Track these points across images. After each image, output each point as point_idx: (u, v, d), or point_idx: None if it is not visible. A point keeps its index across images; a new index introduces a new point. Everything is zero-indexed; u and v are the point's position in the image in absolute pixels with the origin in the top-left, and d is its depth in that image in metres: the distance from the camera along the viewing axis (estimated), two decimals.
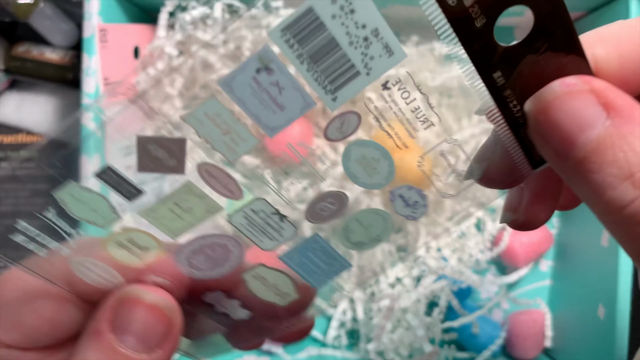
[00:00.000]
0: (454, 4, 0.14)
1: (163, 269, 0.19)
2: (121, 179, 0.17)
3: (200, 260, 0.19)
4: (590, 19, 0.43)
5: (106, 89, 0.40)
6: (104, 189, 0.18)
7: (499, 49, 0.15)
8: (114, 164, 0.18)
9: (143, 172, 0.16)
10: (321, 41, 0.14)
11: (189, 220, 0.18)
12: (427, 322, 0.43)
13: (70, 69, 0.47)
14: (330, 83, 0.15)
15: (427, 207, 0.19)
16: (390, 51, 0.15)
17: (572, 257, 0.46)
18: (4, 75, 0.50)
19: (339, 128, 0.17)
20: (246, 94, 0.15)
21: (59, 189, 0.16)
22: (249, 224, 0.18)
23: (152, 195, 0.48)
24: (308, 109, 0.15)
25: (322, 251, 0.20)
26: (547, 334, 0.47)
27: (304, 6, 0.14)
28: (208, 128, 0.16)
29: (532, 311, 0.47)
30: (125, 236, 0.18)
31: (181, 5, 0.41)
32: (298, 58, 0.14)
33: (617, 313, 0.38)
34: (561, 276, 0.47)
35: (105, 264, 0.18)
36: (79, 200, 0.17)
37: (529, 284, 0.49)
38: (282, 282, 0.20)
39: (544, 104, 0.15)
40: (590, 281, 0.42)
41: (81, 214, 0.17)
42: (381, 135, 0.18)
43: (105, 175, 0.17)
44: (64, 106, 0.51)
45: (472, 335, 0.46)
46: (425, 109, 0.17)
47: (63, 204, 0.17)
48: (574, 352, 0.44)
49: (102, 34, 0.39)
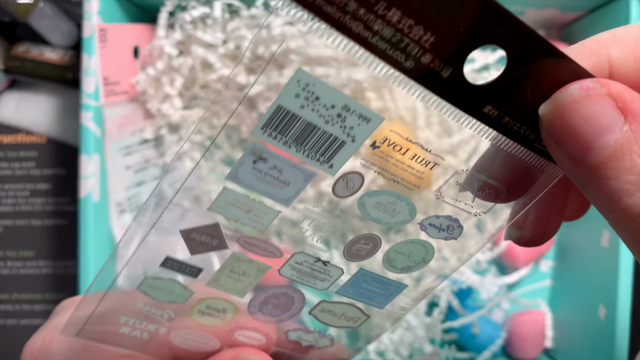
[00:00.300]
0: (412, 66, 0.14)
1: (247, 324, 0.22)
2: (181, 263, 0.20)
3: (270, 309, 0.22)
4: (591, 19, 0.43)
5: (106, 88, 0.40)
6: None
7: (479, 88, 0.15)
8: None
9: (196, 255, 0.20)
10: (299, 127, 0.15)
11: (247, 281, 0.21)
12: (428, 322, 0.43)
13: (70, 68, 0.47)
14: (321, 155, 0.16)
15: (462, 227, 0.20)
16: (366, 119, 0.16)
17: (572, 257, 0.46)
18: (4, 75, 0.50)
19: (345, 187, 0.18)
20: (253, 181, 0.17)
21: (140, 285, 0.20)
22: (299, 274, 0.21)
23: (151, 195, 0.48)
24: (310, 179, 0.17)
25: (374, 280, 0.22)
26: (547, 334, 0.47)
27: (273, 106, 0.15)
28: (232, 211, 0.18)
29: (532, 311, 0.47)
30: (203, 305, 0.21)
31: (181, 5, 0.41)
32: (285, 144, 0.16)
33: (618, 313, 0.38)
34: (562, 276, 0.47)
35: (198, 331, 0.22)
36: (156, 288, 0.20)
37: (530, 284, 0.49)
38: (347, 310, 0.23)
39: (561, 108, 0.15)
40: (590, 281, 0.42)
41: (162, 297, 0.20)
42: (388, 183, 0.18)
43: (168, 264, 0.20)
44: (63, 106, 0.51)
45: (473, 335, 0.46)
46: (423, 154, 0.17)
47: (147, 295, 0.20)
48: (574, 352, 0.44)
49: (101, 34, 0.39)
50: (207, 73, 0.44)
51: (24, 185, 0.51)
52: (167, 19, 0.43)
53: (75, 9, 0.46)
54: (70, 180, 0.51)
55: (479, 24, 0.14)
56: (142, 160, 0.44)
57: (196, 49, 0.41)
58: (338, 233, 0.20)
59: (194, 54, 0.41)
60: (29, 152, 0.51)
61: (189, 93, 0.46)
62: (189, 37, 0.43)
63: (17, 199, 0.51)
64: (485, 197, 0.19)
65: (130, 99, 0.43)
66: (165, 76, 0.43)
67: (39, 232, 0.51)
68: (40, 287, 0.51)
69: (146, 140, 0.45)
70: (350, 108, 0.15)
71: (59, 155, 0.51)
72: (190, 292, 0.21)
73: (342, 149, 0.16)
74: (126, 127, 0.43)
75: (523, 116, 0.16)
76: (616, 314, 0.38)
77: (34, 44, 0.49)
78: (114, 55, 0.40)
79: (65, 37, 0.48)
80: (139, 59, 0.44)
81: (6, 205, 0.51)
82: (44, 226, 0.51)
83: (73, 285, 0.51)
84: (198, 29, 0.42)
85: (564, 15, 0.43)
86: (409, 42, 0.14)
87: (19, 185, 0.51)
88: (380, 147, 0.17)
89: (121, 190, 0.42)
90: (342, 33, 0.13)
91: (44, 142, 0.51)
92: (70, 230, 0.51)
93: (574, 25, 0.45)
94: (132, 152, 0.43)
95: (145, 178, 0.45)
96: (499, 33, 0.14)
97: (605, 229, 0.39)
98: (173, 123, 0.45)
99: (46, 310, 0.51)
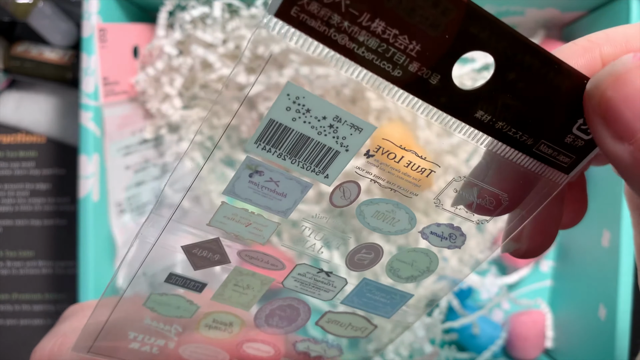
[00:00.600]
0: (400, 74, 0.14)
1: (255, 337, 0.22)
2: (185, 279, 0.20)
3: (276, 321, 0.22)
4: (591, 19, 0.43)
5: (105, 88, 0.40)
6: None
7: (469, 94, 0.15)
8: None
9: (199, 270, 0.20)
10: (292, 139, 0.16)
11: (252, 294, 0.21)
12: (428, 322, 0.43)
13: (70, 68, 0.47)
14: (316, 166, 0.16)
15: (465, 236, 0.20)
16: (358, 128, 0.16)
17: (572, 257, 0.46)
18: (3, 74, 0.50)
19: (342, 196, 0.18)
20: (250, 194, 0.17)
21: (146, 301, 0.20)
22: (302, 285, 0.21)
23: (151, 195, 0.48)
24: (307, 190, 0.17)
25: (378, 289, 0.22)
26: (547, 334, 0.47)
27: (265, 120, 0.15)
28: (232, 225, 0.18)
29: (532, 312, 0.47)
30: (210, 318, 0.22)
31: (180, 5, 0.41)
32: (279, 157, 0.16)
33: (618, 314, 0.38)
34: (562, 277, 0.47)
35: (207, 345, 0.22)
36: (162, 304, 0.20)
37: (530, 285, 0.49)
38: (354, 320, 0.23)
39: (615, 79, 0.14)
40: (591, 282, 0.42)
41: (169, 313, 0.21)
42: (385, 191, 0.18)
43: (172, 279, 0.20)
44: (63, 106, 0.51)
45: (473, 335, 0.46)
46: (418, 161, 0.17)
47: (153, 310, 0.20)
48: (574, 352, 0.44)
49: (101, 34, 0.39)
50: (206, 73, 0.43)
51: (24, 185, 0.51)
52: (167, 19, 0.43)
53: (75, 9, 0.46)
54: (69, 180, 0.51)
55: (464, 31, 0.14)
56: (141, 160, 0.44)
57: (196, 48, 0.41)
58: (339, 241, 0.20)
59: (194, 53, 0.41)
60: (28, 152, 0.51)
61: (188, 93, 0.46)
62: (189, 36, 0.43)
63: (17, 199, 0.51)
64: (486, 205, 0.18)
65: (130, 99, 0.43)
66: (165, 76, 0.43)
67: (39, 232, 0.51)
68: (39, 287, 0.51)
69: (146, 140, 0.45)
70: (341, 118, 0.15)
71: (59, 155, 0.51)
72: (197, 307, 0.21)
73: (336, 159, 0.16)
74: (126, 127, 0.43)
75: (517, 121, 0.16)
76: (616, 314, 0.38)
77: (33, 43, 0.49)
78: (113, 55, 0.40)
79: (64, 37, 0.48)
80: (139, 59, 0.44)
81: (6, 205, 0.51)
82: (43, 226, 0.51)
83: (72, 286, 0.51)
84: (198, 29, 0.42)
85: (564, 15, 0.43)
86: (395, 51, 0.14)
87: (19, 185, 0.51)
88: (374, 156, 0.17)
89: (121, 190, 0.42)
90: (329, 46, 0.13)
91: (44, 142, 0.51)
92: (70, 230, 0.51)
93: (574, 25, 0.45)
94: (131, 152, 0.43)
95: (145, 178, 0.45)
96: (484, 38, 0.14)
97: (606, 229, 0.39)
98: (173, 123, 0.45)
99: (46, 311, 0.51)
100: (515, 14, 0.42)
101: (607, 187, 0.40)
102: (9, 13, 0.45)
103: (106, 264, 0.41)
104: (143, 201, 0.44)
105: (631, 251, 0.38)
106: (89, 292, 0.39)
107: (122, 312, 0.20)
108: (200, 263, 0.19)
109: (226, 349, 0.22)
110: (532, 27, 0.47)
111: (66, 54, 0.48)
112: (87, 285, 0.39)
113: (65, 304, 0.51)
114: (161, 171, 0.46)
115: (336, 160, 0.16)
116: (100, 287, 0.40)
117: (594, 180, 0.42)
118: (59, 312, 0.51)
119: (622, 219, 0.38)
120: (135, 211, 0.43)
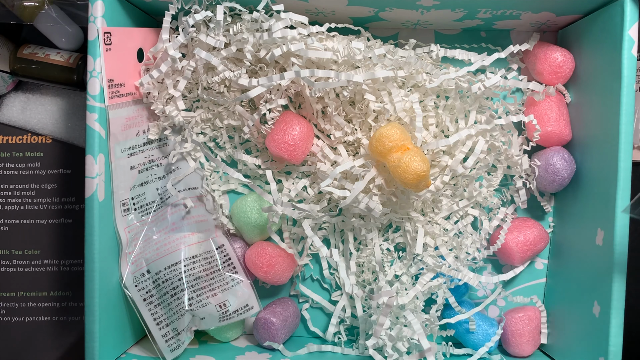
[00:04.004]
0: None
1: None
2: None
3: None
4: (586, 22, 0.43)
5: (110, 90, 0.41)
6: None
7: None
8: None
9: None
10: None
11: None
12: (425, 318, 0.43)
13: (75, 70, 0.48)
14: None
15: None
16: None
17: (567, 255, 0.46)
18: (10, 77, 0.51)
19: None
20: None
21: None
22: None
23: (155, 194, 0.49)
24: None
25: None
26: (542, 331, 0.47)
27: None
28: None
29: (527, 308, 0.47)
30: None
31: (184, 9, 0.42)
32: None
33: (612, 310, 0.38)
34: (557, 274, 0.48)
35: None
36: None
37: (525, 282, 0.49)
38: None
39: None
40: (585, 279, 0.42)
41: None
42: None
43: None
44: (68, 107, 0.51)
45: (469, 332, 0.46)
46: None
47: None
48: (569, 348, 0.44)
49: (106, 37, 0.40)
50: (209, 75, 0.44)
51: (30, 185, 0.52)
52: (171, 23, 0.43)
53: (81, 12, 0.47)
54: (75, 180, 0.52)
55: None
56: (146, 161, 0.45)
57: (199, 51, 0.42)
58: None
59: (197, 56, 0.42)
60: (34, 153, 0.52)
61: (192, 95, 0.47)
62: (192, 40, 0.44)
63: (23, 199, 0.52)
64: None
65: (135, 101, 0.44)
66: (169, 78, 0.44)
67: (44, 231, 0.52)
68: (45, 285, 0.52)
69: (150, 141, 0.46)
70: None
71: (64, 155, 0.52)
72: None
73: None
74: (130, 128, 0.43)
75: None
76: (610, 311, 0.38)
77: (39, 46, 0.49)
78: (118, 58, 0.41)
79: (70, 40, 0.48)
80: (143, 62, 0.44)
81: (12, 204, 0.52)
82: (49, 225, 0.52)
83: (78, 284, 0.52)
84: (201, 33, 0.43)
85: (559, 19, 0.44)
86: None
87: (25, 185, 0.52)
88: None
89: (125, 190, 0.43)
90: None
91: (49, 143, 0.52)
92: (75, 229, 0.52)
93: (569, 29, 0.46)
94: (136, 152, 0.44)
95: (149, 178, 0.46)
96: None
97: (600, 228, 0.40)
98: (176, 124, 0.46)
99: (51, 308, 0.52)
100: (511, 17, 0.43)
101: (601, 187, 0.40)
102: (16, 16, 0.46)
103: (111, 262, 0.42)
104: (147, 201, 0.45)
105: (625, 249, 0.38)
106: (95, 289, 0.40)
107: None
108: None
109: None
110: (527, 30, 0.48)
111: (72, 57, 0.49)
112: (93, 282, 0.40)
113: (70, 302, 0.52)
114: (165, 171, 0.47)
115: None
116: (105, 284, 0.41)
117: (587, 180, 0.42)
118: (64, 310, 0.52)
119: (616, 218, 0.38)
120: (140, 210, 0.44)
